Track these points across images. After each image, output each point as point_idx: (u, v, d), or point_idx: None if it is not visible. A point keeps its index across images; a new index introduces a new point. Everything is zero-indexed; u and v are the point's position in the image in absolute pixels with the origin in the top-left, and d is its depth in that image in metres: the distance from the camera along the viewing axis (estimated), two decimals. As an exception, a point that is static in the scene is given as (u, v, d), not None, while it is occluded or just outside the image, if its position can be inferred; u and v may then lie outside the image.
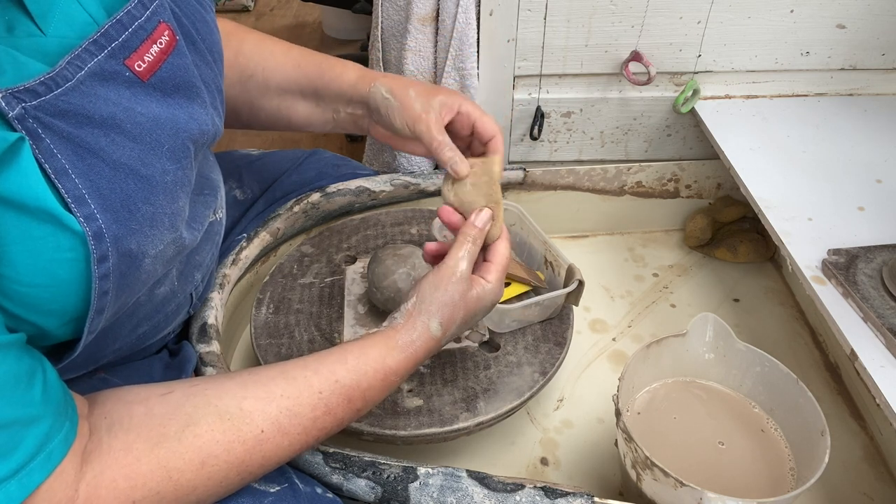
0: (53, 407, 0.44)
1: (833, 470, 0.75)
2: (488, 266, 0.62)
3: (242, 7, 2.47)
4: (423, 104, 0.65)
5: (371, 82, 0.69)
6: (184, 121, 0.51)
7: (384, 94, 0.67)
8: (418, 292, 0.59)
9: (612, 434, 0.79)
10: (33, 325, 0.45)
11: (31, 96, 0.41)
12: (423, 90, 0.66)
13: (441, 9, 0.95)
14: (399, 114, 0.66)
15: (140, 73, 0.47)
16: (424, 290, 0.58)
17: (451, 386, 0.72)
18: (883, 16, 0.96)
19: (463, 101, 0.66)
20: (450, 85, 0.98)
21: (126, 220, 0.46)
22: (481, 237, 0.61)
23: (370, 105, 0.69)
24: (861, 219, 0.80)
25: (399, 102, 0.66)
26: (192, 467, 0.47)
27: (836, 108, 1.00)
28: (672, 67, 1.00)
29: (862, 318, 0.68)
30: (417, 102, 0.65)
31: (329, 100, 0.72)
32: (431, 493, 0.58)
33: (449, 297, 0.58)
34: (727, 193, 1.06)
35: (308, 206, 0.89)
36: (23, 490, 0.41)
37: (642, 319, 0.95)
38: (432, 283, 0.58)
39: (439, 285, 0.58)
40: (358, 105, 0.71)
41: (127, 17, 0.46)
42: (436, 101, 0.65)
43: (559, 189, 1.02)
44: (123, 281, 0.48)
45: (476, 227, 0.61)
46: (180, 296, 0.66)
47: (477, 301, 0.60)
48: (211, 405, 0.50)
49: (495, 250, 0.63)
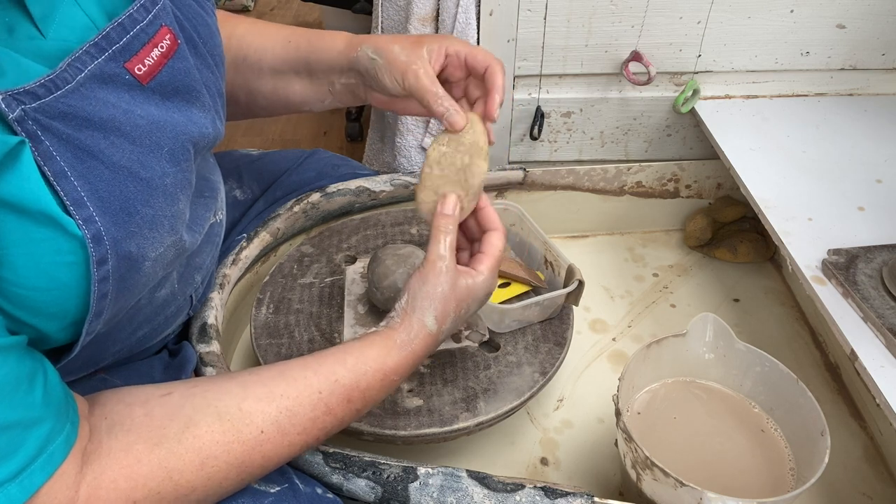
0: (54, 409, 0.44)
1: (833, 470, 0.75)
2: (480, 257, 0.61)
3: (242, 7, 2.47)
4: (409, 55, 0.63)
5: (357, 47, 0.67)
6: (183, 124, 0.51)
7: (370, 55, 0.65)
8: (409, 290, 0.58)
9: (612, 434, 0.79)
10: (33, 328, 0.45)
11: (31, 98, 0.41)
12: (409, 42, 0.65)
13: (441, 9, 0.95)
14: (387, 71, 0.64)
15: (140, 76, 0.47)
16: (414, 287, 0.58)
17: (451, 386, 0.72)
18: (883, 16, 0.96)
19: (450, 42, 0.64)
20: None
21: (125, 222, 0.46)
22: (454, 223, 0.60)
23: (360, 70, 0.67)
24: (861, 219, 0.80)
25: (385, 60, 0.64)
26: (191, 468, 0.47)
27: (836, 108, 1.00)
28: (672, 67, 1.00)
29: (862, 318, 0.68)
30: (403, 55, 0.64)
31: (322, 73, 0.71)
32: (431, 493, 0.58)
33: (439, 291, 0.57)
34: (727, 193, 1.06)
35: (308, 206, 0.89)
36: (24, 492, 0.41)
37: (642, 319, 0.95)
38: (419, 279, 0.58)
39: (427, 280, 0.58)
40: (350, 74, 0.69)
41: (129, 20, 0.46)
42: (423, 51, 0.63)
43: (559, 189, 1.02)
44: (123, 284, 0.48)
45: (445, 216, 0.60)
46: (180, 298, 0.66)
47: (468, 291, 0.59)
48: (210, 406, 0.50)
49: (488, 241, 0.62)
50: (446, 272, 0.58)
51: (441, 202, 0.60)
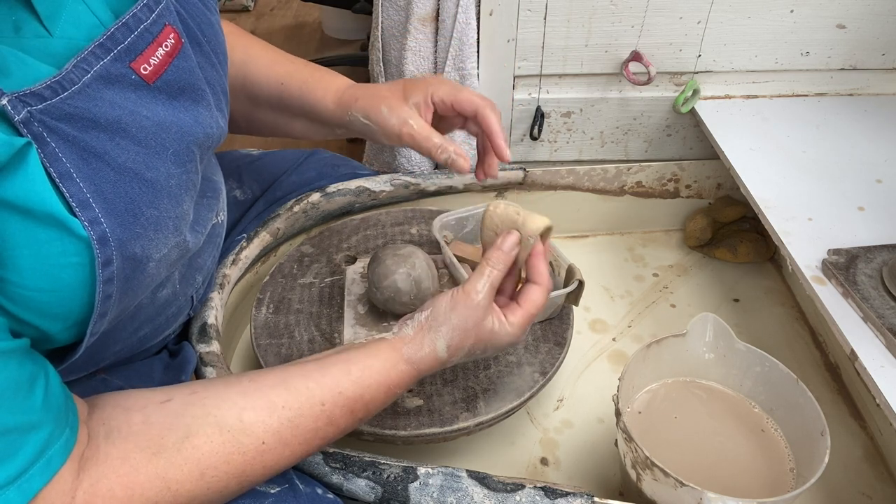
0: (54, 413, 0.43)
1: (833, 470, 0.75)
2: (514, 308, 0.59)
3: (242, 7, 2.47)
4: (399, 115, 0.64)
5: (347, 110, 0.67)
6: (189, 124, 0.51)
7: (363, 121, 0.66)
8: (434, 306, 0.57)
9: (612, 434, 0.79)
10: (37, 329, 0.45)
11: (37, 100, 0.41)
12: (395, 101, 0.65)
13: (441, 9, 0.95)
14: (382, 134, 0.65)
15: (146, 76, 0.47)
16: (440, 307, 0.57)
17: (451, 386, 0.72)
18: (883, 16, 0.96)
19: (435, 89, 0.65)
20: (450, 85, 0.98)
21: (130, 224, 0.46)
22: (506, 263, 0.58)
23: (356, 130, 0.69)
24: (861, 219, 0.80)
25: (376, 125, 0.65)
26: (191, 478, 0.47)
27: (836, 108, 1.00)
28: (672, 67, 1.00)
29: (862, 318, 0.68)
30: (392, 117, 0.64)
31: (319, 122, 0.72)
32: (431, 493, 0.58)
33: (462, 322, 0.56)
34: (727, 193, 1.06)
35: (308, 206, 0.89)
36: (22, 496, 0.40)
37: (642, 319, 0.95)
38: (450, 303, 0.57)
39: (456, 307, 0.56)
40: (345, 129, 0.71)
41: (133, 19, 0.46)
42: (409, 106, 0.64)
43: (559, 189, 1.02)
44: (127, 285, 0.48)
45: (500, 251, 0.58)
46: (181, 298, 0.66)
47: (491, 335, 0.58)
48: (210, 416, 0.49)
49: (527, 296, 0.59)
50: (477, 307, 0.56)
51: (503, 237, 0.58)
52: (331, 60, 1.88)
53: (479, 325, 0.57)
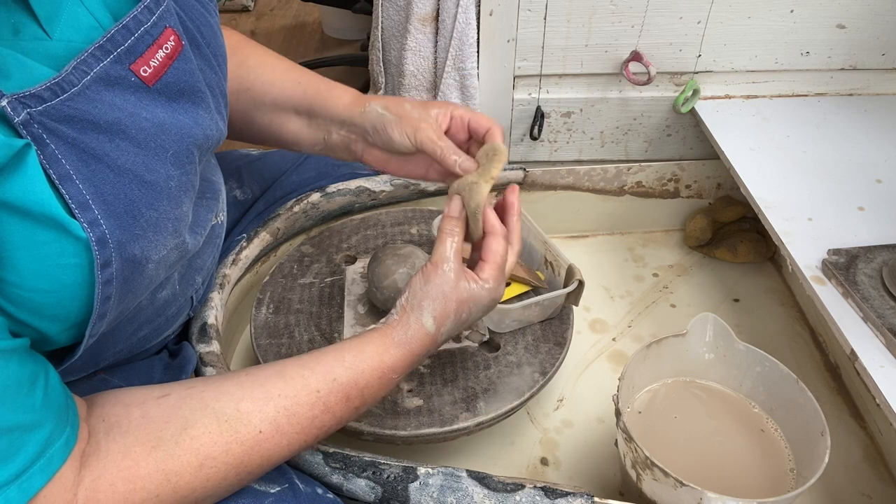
0: (55, 412, 0.44)
1: (833, 470, 0.75)
2: (481, 265, 0.60)
3: (242, 7, 2.47)
4: (420, 113, 0.65)
5: (365, 104, 0.68)
6: (188, 126, 0.51)
7: (379, 111, 0.67)
8: (410, 288, 0.59)
9: (612, 434, 0.79)
10: (36, 330, 0.45)
11: (37, 102, 0.41)
12: (418, 103, 0.67)
13: (441, 9, 0.95)
14: (398, 126, 0.65)
15: (145, 78, 0.47)
16: (415, 286, 0.58)
17: (451, 386, 0.72)
18: (883, 16, 0.96)
19: (454, 107, 0.67)
20: (450, 85, 0.98)
21: (130, 225, 0.46)
22: (460, 226, 0.60)
23: (365, 127, 0.68)
24: (861, 219, 0.80)
25: (396, 115, 0.66)
26: (190, 469, 0.47)
27: (836, 108, 1.00)
28: (672, 67, 1.00)
29: (862, 318, 0.68)
30: (415, 112, 0.65)
31: (322, 119, 0.71)
32: (431, 493, 0.58)
33: (439, 291, 0.57)
34: (727, 193, 1.06)
35: (308, 206, 0.89)
36: (23, 495, 0.41)
37: (642, 319, 0.95)
38: (422, 279, 0.58)
39: (429, 279, 0.58)
40: (350, 128, 0.70)
41: (133, 22, 0.46)
42: (432, 111, 0.65)
43: (559, 189, 1.02)
44: (126, 286, 0.48)
45: (450, 218, 0.60)
46: (181, 299, 0.66)
47: (470, 295, 0.58)
48: (208, 407, 0.50)
49: (486, 248, 0.60)
50: (448, 273, 0.58)
51: (447, 205, 0.61)
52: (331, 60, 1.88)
53: (457, 288, 0.58)
